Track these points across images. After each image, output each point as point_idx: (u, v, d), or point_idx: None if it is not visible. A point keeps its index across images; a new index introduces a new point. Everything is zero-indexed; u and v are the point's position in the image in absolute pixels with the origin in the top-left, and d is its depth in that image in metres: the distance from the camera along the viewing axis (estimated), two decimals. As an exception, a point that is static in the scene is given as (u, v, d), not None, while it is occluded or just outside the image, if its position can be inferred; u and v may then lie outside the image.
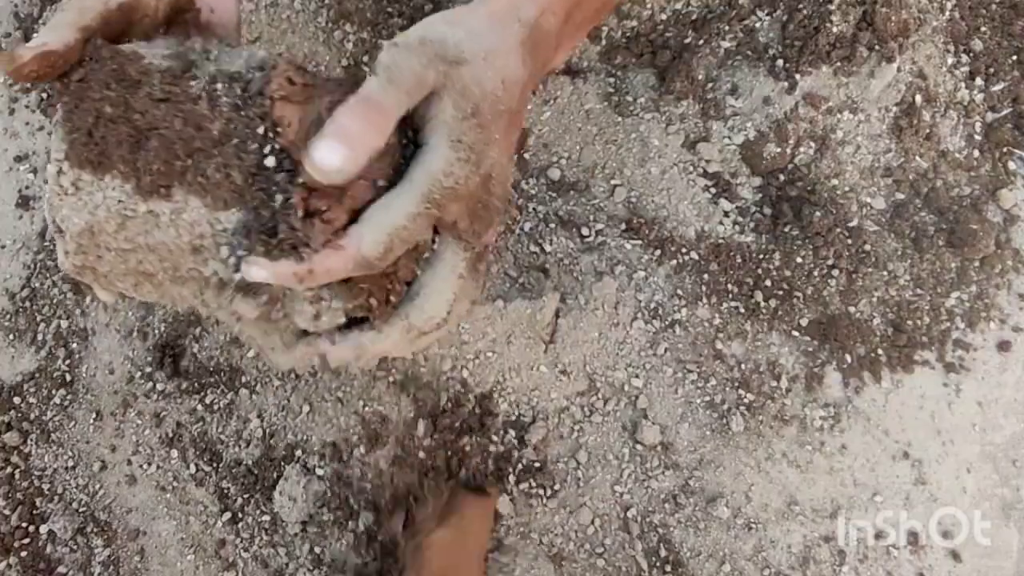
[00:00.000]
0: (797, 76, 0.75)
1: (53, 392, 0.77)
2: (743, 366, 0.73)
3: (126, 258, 0.43)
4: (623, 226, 0.76)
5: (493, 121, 0.48)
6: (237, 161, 0.41)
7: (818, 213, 0.75)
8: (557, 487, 0.71)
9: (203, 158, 0.41)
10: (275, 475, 0.73)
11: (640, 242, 0.75)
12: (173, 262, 0.43)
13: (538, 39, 0.51)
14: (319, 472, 0.72)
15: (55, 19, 0.44)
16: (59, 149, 0.42)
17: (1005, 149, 0.79)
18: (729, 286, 0.75)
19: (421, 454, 0.71)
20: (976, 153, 0.79)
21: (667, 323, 0.74)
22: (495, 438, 0.72)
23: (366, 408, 0.73)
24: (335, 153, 0.41)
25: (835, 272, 0.75)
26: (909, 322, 0.75)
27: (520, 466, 0.72)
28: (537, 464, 0.72)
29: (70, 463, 0.76)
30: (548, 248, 0.75)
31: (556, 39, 0.53)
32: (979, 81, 0.80)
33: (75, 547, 0.74)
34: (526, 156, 0.78)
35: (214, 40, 0.46)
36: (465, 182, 0.46)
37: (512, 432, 0.72)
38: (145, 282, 0.44)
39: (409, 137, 0.46)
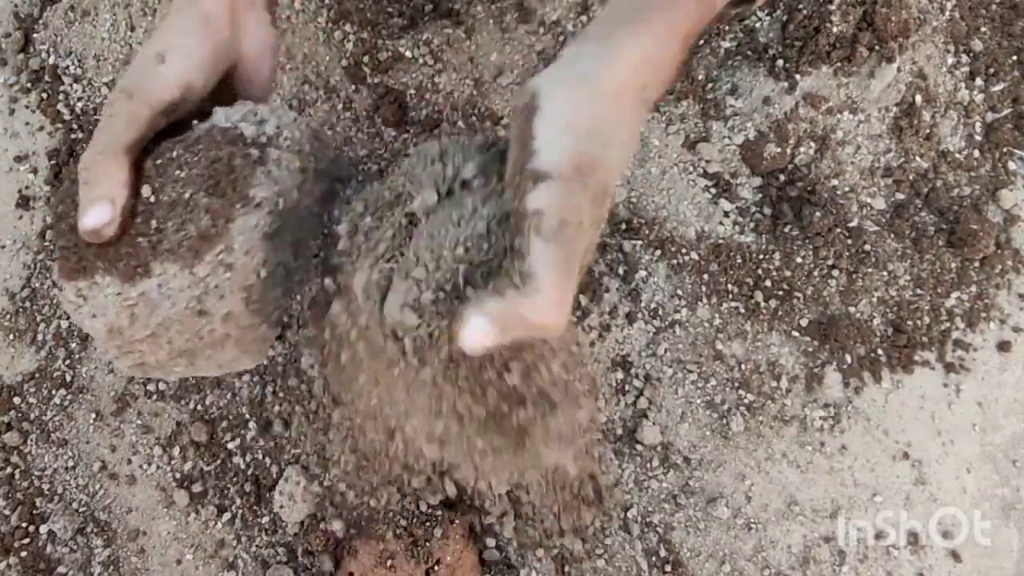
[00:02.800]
0: (797, 76, 0.75)
1: (53, 392, 0.77)
2: (743, 366, 0.73)
3: (157, 343, 0.44)
4: (623, 226, 0.76)
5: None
6: (188, 216, 0.42)
7: (818, 213, 0.75)
8: (557, 487, 0.71)
9: (157, 229, 0.42)
10: (275, 475, 0.73)
11: (640, 242, 0.75)
12: (191, 330, 0.43)
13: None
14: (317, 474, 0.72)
15: (104, 140, 0.43)
16: (55, 269, 0.44)
17: (1005, 149, 0.80)
18: (729, 286, 0.75)
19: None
20: (976, 153, 0.79)
21: (667, 323, 0.74)
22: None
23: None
24: (486, 336, 0.36)
25: (835, 272, 0.75)
26: (909, 322, 0.75)
27: (520, 466, 0.72)
28: (537, 464, 0.72)
29: (70, 463, 0.76)
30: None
31: None
32: (979, 81, 0.80)
33: (75, 547, 0.74)
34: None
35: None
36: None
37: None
38: (193, 359, 0.45)
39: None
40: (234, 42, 0.48)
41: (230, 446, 0.74)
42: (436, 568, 0.67)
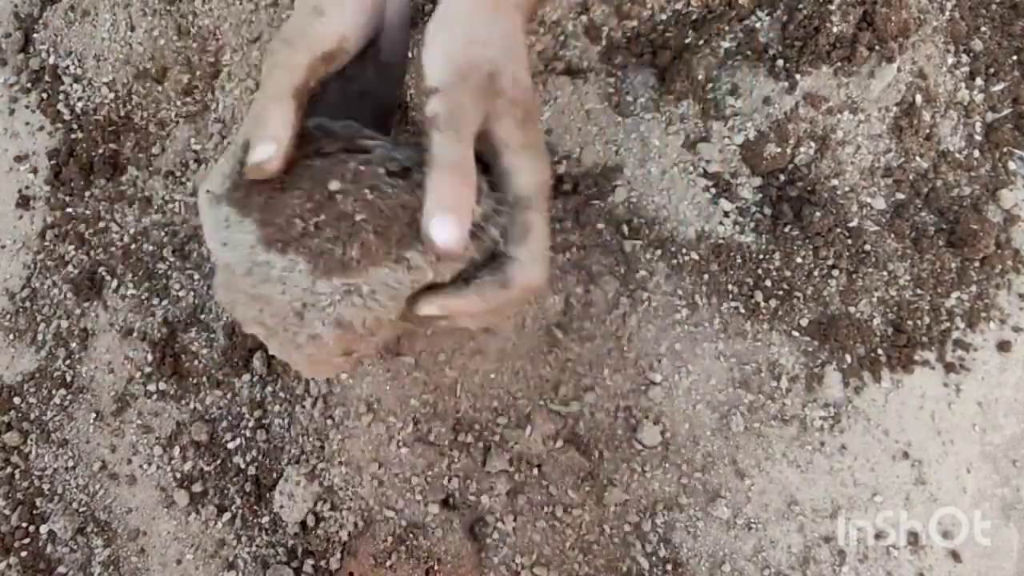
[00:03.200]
0: (797, 76, 0.75)
1: (53, 392, 0.77)
2: (743, 366, 0.73)
3: (251, 305, 0.45)
4: (623, 226, 0.76)
5: (534, 103, 0.51)
6: (346, 237, 0.44)
7: (818, 213, 0.75)
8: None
9: (316, 225, 0.44)
10: (275, 475, 0.73)
11: (640, 242, 0.75)
12: (282, 320, 0.45)
13: (524, 14, 0.53)
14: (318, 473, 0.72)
15: (271, 86, 0.46)
16: (219, 185, 0.46)
17: (1005, 149, 0.80)
18: (729, 286, 0.75)
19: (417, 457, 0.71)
20: (976, 153, 0.79)
21: (667, 323, 0.74)
22: (495, 438, 0.72)
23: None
24: (453, 226, 0.44)
25: (835, 272, 0.75)
26: (909, 322, 0.75)
27: (520, 466, 0.72)
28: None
29: (70, 463, 0.76)
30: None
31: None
32: (979, 81, 0.80)
33: (75, 547, 0.74)
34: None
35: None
36: (544, 169, 0.49)
37: (512, 432, 0.72)
38: (271, 337, 0.47)
39: None
40: (382, 6, 0.52)
41: (230, 446, 0.74)
42: (436, 568, 0.67)
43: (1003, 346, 0.75)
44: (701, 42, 0.78)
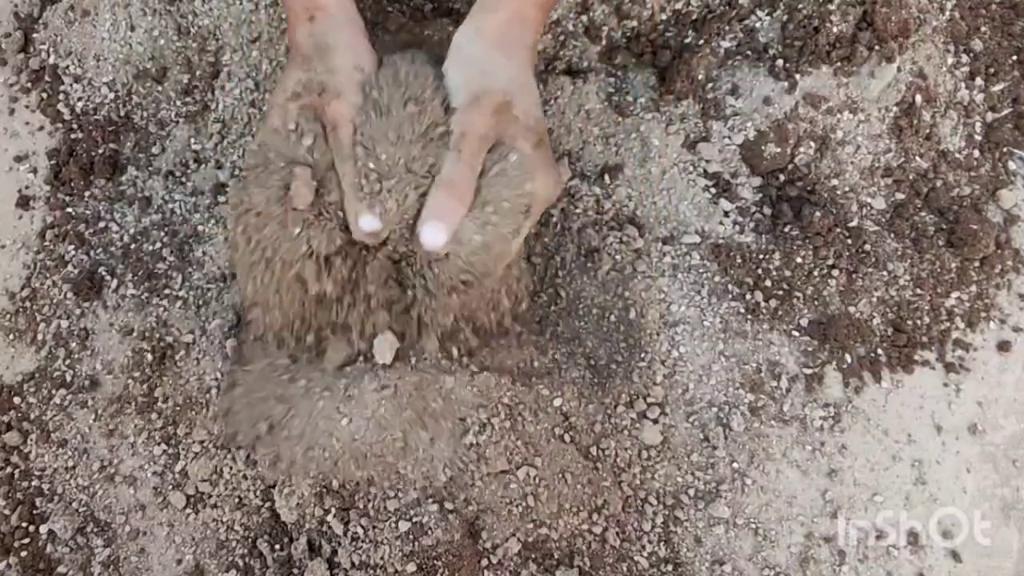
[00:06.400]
0: (797, 76, 0.75)
1: (53, 392, 0.77)
2: (743, 366, 0.73)
3: None
4: (623, 226, 0.76)
5: (546, 134, 0.61)
6: None
7: (818, 213, 0.75)
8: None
9: None
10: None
11: (640, 242, 0.76)
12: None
13: (534, 58, 0.63)
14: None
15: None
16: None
17: (1005, 149, 0.80)
18: (729, 286, 0.75)
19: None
20: (976, 153, 0.79)
21: (667, 323, 0.74)
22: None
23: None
24: (440, 232, 0.56)
25: (835, 272, 0.75)
26: (909, 322, 0.75)
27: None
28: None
29: (70, 463, 0.76)
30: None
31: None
32: (979, 81, 0.80)
33: (75, 547, 0.74)
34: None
35: None
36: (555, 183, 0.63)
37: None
38: None
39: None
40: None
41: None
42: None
43: (1003, 346, 0.75)
44: (701, 42, 0.79)
